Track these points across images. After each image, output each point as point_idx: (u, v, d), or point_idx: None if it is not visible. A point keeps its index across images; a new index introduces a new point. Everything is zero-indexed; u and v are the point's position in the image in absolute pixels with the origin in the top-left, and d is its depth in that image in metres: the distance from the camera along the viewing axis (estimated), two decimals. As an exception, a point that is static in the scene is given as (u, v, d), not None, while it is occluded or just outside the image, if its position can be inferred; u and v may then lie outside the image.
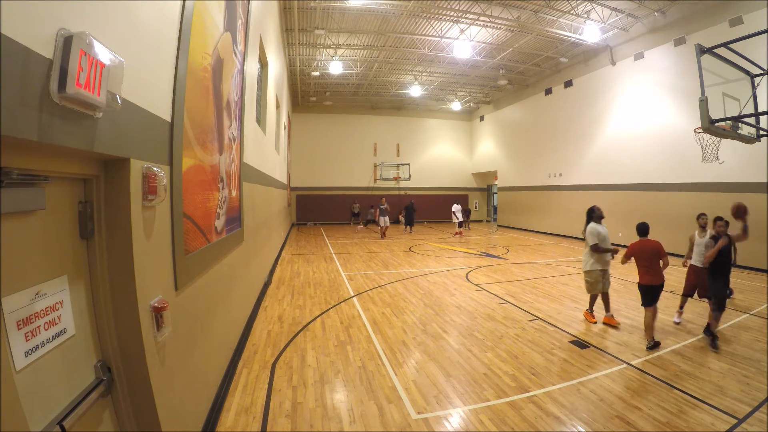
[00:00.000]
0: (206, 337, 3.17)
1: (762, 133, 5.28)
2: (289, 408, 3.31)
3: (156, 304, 2.06)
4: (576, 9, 11.55)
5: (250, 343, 4.78)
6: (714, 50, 4.74)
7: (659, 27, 11.68)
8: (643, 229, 4.84)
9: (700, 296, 5.39)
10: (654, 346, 4.47)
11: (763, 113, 4.69)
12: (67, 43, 1.28)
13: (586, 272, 5.44)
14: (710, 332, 4.62)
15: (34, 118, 1.21)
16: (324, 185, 22.99)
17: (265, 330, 5.25)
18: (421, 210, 23.41)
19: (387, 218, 15.89)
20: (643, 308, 4.70)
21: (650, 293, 4.64)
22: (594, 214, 5.42)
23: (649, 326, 4.56)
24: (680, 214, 10.82)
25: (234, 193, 4.47)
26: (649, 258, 4.63)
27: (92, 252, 1.83)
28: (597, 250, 5.28)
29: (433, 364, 4.19)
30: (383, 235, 16.02)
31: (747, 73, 5.25)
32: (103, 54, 1.43)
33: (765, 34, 4.52)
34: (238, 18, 4.54)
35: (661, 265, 4.60)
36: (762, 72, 5.19)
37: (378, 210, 16.16)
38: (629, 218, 12.89)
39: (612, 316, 5.37)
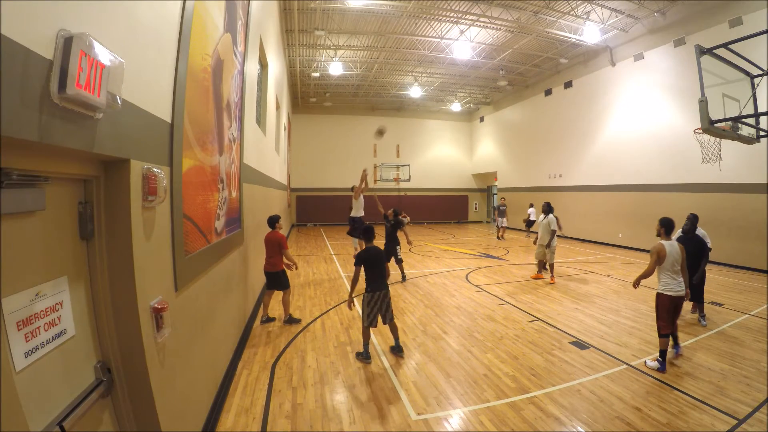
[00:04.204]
0: (206, 337, 3.17)
1: (762, 133, 5.29)
2: (289, 409, 3.31)
3: (156, 305, 2.06)
4: (576, 10, 11.56)
5: (250, 344, 4.78)
6: (714, 51, 4.75)
7: (659, 28, 11.69)
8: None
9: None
10: None
11: (762, 114, 4.70)
12: (67, 43, 1.28)
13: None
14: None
15: (34, 118, 1.21)
16: (324, 186, 22.95)
17: (264, 331, 5.25)
18: (421, 211, 23.43)
19: (505, 219, 16.17)
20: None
21: None
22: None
23: None
24: (681, 215, 10.78)
25: (234, 194, 4.47)
26: None
27: (92, 253, 1.83)
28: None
29: (432, 365, 4.19)
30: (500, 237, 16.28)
31: (747, 73, 5.26)
32: (104, 55, 1.43)
33: (765, 35, 4.53)
34: (238, 19, 4.55)
35: None
36: (762, 72, 5.19)
37: (497, 210, 16.49)
38: (629, 219, 12.92)
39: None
